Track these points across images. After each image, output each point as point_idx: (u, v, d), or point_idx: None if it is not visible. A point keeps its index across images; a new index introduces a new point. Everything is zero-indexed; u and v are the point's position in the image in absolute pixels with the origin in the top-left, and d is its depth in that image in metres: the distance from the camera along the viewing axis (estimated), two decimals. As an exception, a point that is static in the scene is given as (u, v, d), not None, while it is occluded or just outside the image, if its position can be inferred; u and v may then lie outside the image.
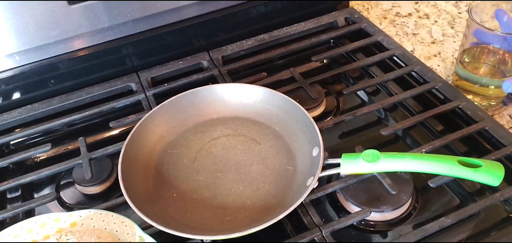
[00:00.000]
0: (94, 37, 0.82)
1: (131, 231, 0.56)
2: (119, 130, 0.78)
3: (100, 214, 0.58)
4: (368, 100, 0.82)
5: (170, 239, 0.55)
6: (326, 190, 0.62)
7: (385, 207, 0.60)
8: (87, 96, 0.83)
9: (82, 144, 0.71)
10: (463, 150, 0.70)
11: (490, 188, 0.62)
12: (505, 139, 0.67)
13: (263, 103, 0.73)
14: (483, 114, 0.71)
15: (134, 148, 0.66)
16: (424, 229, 0.57)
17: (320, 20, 0.95)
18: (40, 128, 0.77)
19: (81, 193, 0.69)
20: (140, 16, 0.82)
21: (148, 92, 0.81)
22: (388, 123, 0.77)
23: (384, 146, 0.72)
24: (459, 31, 0.97)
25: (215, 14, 0.88)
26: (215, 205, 0.62)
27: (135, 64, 0.87)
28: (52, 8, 0.76)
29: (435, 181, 0.61)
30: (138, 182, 0.63)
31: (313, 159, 0.62)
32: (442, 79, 0.78)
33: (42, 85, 0.83)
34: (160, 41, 0.86)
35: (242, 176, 0.65)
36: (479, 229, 0.59)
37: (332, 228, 0.58)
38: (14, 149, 0.78)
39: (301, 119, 0.68)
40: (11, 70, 0.80)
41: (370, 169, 0.59)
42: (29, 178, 0.67)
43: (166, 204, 0.62)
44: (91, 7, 0.78)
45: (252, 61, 0.87)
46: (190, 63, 0.88)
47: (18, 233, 0.57)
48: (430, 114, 0.72)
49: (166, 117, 0.72)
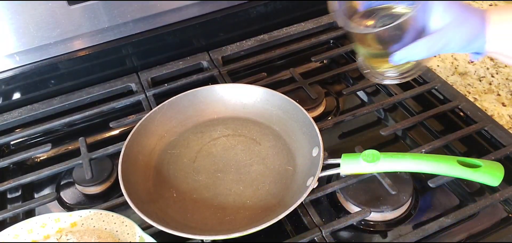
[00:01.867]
0: (94, 37, 0.82)
1: (131, 231, 0.56)
2: (119, 130, 0.78)
3: (100, 214, 0.58)
4: (367, 100, 0.82)
5: (170, 239, 0.55)
6: (326, 190, 0.62)
7: (385, 207, 0.60)
8: (87, 96, 0.83)
9: (82, 144, 0.71)
10: (462, 150, 0.70)
11: (490, 188, 0.62)
12: (505, 139, 0.67)
13: (263, 103, 0.73)
14: (483, 114, 0.71)
15: (134, 148, 0.66)
16: (424, 229, 0.57)
17: (320, 20, 0.95)
18: (40, 128, 0.77)
19: (81, 193, 0.69)
20: (140, 16, 0.82)
21: (148, 92, 0.81)
22: (387, 123, 0.77)
23: (384, 146, 0.72)
24: (458, 31, 0.97)
25: (215, 14, 0.88)
26: (215, 205, 0.62)
27: (135, 64, 0.87)
28: (52, 9, 0.76)
29: (435, 181, 0.61)
30: (138, 182, 0.63)
31: (313, 159, 0.62)
32: (441, 79, 0.78)
33: (42, 85, 0.83)
34: (160, 41, 0.86)
35: (242, 176, 0.65)
36: (479, 229, 0.60)
37: (332, 228, 0.58)
38: (15, 149, 0.78)
39: (301, 119, 0.68)
40: (11, 70, 0.80)
41: (370, 169, 0.59)
42: (29, 178, 0.67)
43: (166, 204, 0.62)
44: (91, 7, 0.78)
45: (252, 62, 0.87)
46: (190, 63, 0.88)
47: (19, 233, 0.57)
48: (430, 114, 0.72)
49: (166, 117, 0.72)
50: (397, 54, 0.54)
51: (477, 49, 0.55)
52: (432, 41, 0.54)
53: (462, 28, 0.54)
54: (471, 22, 0.54)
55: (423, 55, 0.54)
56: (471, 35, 0.54)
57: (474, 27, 0.54)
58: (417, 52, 0.54)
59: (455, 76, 0.86)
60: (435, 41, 0.54)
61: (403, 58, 0.54)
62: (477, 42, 0.54)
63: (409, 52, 0.54)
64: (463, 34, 0.54)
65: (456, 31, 0.53)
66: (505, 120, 0.76)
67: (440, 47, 0.54)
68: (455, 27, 0.53)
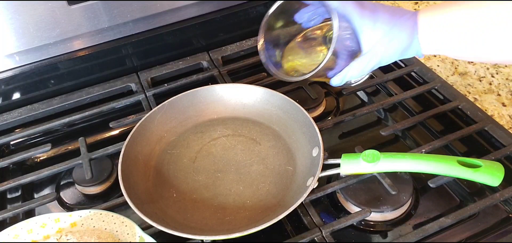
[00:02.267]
0: (94, 37, 0.82)
1: (131, 231, 0.56)
2: (119, 130, 0.78)
3: (100, 214, 0.58)
4: (368, 101, 0.82)
5: (170, 239, 0.55)
6: (326, 190, 0.62)
7: (385, 207, 0.60)
8: (87, 97, 0.83)
9: (82, 144, 0.71)
10: (462, 150, 0.70)
11: (490, 188, 0.62)
12: (505, 139, 0.67)
13: (263, 103, 0.73)
14: (483, 114, 0.71)
15: (134, 148, 0.66)
16: (424, 229, 0.57)
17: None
18: (40, 128, 0.77)
19: (81, 193, 0.69)
20: (140, 16, 0.82)
21: (148, 92, 0.81)
22: (388, 124, 0.77)
23: (384, 146, 0.72)
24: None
25: (215, 14, 0.88)
26: (215, 205, 0.62)
27: (135, 64, 0.87)
28: (52, 9, 0.76)
29: (435, 181, 0.61)
30: (138, 182, 0.63)
31: (313, 159, 0.62)
32: (441, 79, 0.78)
33: (42, 85, 0.83)
34: (160, 41, 0.86)
35: (242, 176, 0.65)
36: (479, 229, 0.59)
37: (332, 228, 0.58)
38: (14, 149, 0.78)
39: (301, 119, 0.68)
40: (11, 70, 0.80)
41: (370, 169, 0.59)
42: (29, 178, 0.67)
43: (166, 204, 0.62)
44: (91, 7, 0.78)
45: (252, 61, 0.87)
46: (190, 63, 0.88)
47: (18, 233, 0.57)
48: (430, 114, 0.72)
49: (166, 117, 0.72)
50: (334, 79, 0.56)
51: (415, 54, 0.55)
52: (365, 62, 0.54)
53: (393, 44, 0.53)
54: (401, 35, 0.53)
55: (358, 75, 0.56)
56: (403, 46, 0.53)
57: (404, 39, 0.53)
58: (353, 74, 0.55)
59: (455, 76, 0.86)
60: (367, 62, 0.54)
61: (341, 81, 0.57)
62: (412, 50, 0.54)
63: (346, 76, 0.56)
64: (395, 48, 0.53)
65: (387, 47, 0.53)
66: (505, 120, 0.76)
67: (373, 65, 0.55)
68: (385, 44, 0.53)
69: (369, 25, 0.53)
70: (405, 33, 0.53)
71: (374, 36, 0.53)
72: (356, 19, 0.53)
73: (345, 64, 0.55)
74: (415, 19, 0.53)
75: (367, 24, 0.53)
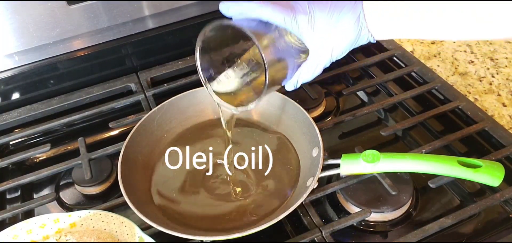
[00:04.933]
0: (93, 37, 0.82)
1: (130, 231, 0.56)
2: (119, 130, 0.78)
3: (100, 214, 0.58)
4: (368, 101, 0.82)
5: (169, 239, 0.55)
6: (326, 191, 0.62)
7: (385, 207, 0.60)
8: (86, 97, 0.82)
9: (82, 144, 0.71)
10: (463, 151, 0.70)
11: (490, 189, 0.62)
12: (505, 139, 0.67)
13: (263, 103, 0.73)
14: (483, 115, 0.71)
15: (133, 149, 0.66)
16: (424, 229, 0.57)
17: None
18: (39, 128, 0.77)
19: (81, 194, 0.69)
20: (140, 16, 0.82)
21: (147, 93, 0.81)
22: (388, 124, 0.77)
23: (384, 146, 0.72)
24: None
25: (214, 14, 0.88)
26: (215, 205, 0.62)
27: (135, 64, 0.87)
28: (51, 8, 0.75)
29: (435, 181, 0.61)
30: (138, 183, 0.63)
31: (313, 160, 0.62)
32: (442, 79, 0.78)
33: (42, 85, 0.83)
34: (160, 41, 0.86)
35: (242, 176, 0.65)
36: (479, 229, 0.59)
37: (332, 229, 0.58)
38: (14, 150, 0.78)
39: (301, 119, 0.68)
40: (10, 70, 0.80)
41: (370, 170, 0.59)
42: (28, 179, 0.67)
43: (166, 205, 0.62)
44: (91, 7, 0.78)
45: (252, 62, 0.87)
46: (189, 63, 0.88)
47: (18, 234, 0.57)
48: (430, 115, 0.72)
49: (166, 117, 0.72)
50: (288, 86, 0.56)
51: (367, 41, 0.52)
52: (314, 64, 0.53)
53: (339, 40, 0.51)
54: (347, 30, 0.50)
55: (310, 77, 0.55)
56: (351, 39, 0.51)
57: (350, 32, 0.51)
58: (305, 78, 0.54)
59: (455, 76, 0.86)
60: (316, 64, 0.53)
61: (295, 86, 0.56)
62: (362, 39, 0.51)
63: (298, 80, 0.55)
64: (342, 44, 0.51)
65: (334, 45, 0.51)
66: (505, 120, 0.76)
67: (323, 65, 0.53)
68: (331, 42, 0.51)
69: (308, 28, 0.50)
70: (350, 26, 0.50)
71: (316, 37, 0.51)
72: (293, 26, 0.50)
73: (296, 67, 0.54)
74: (359, 8, 0.50)
75: (305, 28, 0.50)
